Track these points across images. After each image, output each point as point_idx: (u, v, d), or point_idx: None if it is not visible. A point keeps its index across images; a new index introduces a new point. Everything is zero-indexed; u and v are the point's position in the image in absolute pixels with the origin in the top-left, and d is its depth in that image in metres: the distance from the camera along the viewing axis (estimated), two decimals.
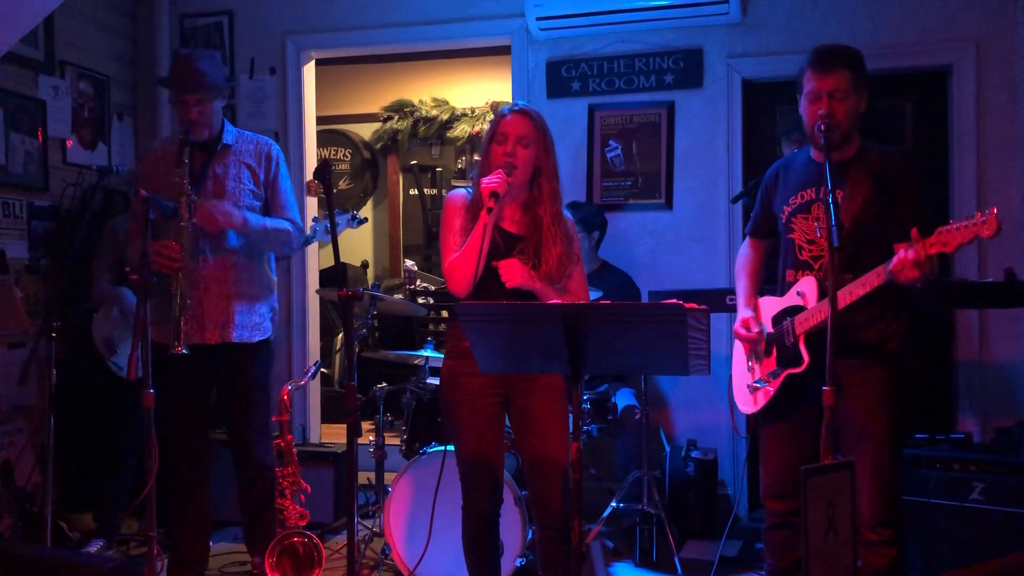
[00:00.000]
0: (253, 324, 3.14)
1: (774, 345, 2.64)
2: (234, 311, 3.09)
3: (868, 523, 2.48)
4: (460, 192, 2.67)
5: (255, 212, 3.12)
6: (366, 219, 3.93)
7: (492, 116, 2.75)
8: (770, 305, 2.70)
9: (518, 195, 2.60)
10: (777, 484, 2.67)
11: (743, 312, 2.75)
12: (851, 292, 2.39)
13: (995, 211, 2.17)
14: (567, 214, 2.67)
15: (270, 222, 3.11)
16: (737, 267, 2.89)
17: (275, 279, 3.31)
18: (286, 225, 3.13)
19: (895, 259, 2.29)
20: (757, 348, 2.69)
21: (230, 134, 3.16)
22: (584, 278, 2.68)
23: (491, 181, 2.46)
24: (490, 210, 2.44)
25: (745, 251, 2.89)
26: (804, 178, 2.62)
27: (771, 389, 2.62)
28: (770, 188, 2.76)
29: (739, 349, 2.81)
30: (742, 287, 2.83)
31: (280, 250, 3.14)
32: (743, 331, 2.69)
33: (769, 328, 2.67)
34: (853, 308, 2.42)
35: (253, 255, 3.16)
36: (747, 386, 2.73)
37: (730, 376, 2.86)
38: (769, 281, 2.87)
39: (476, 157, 2.67)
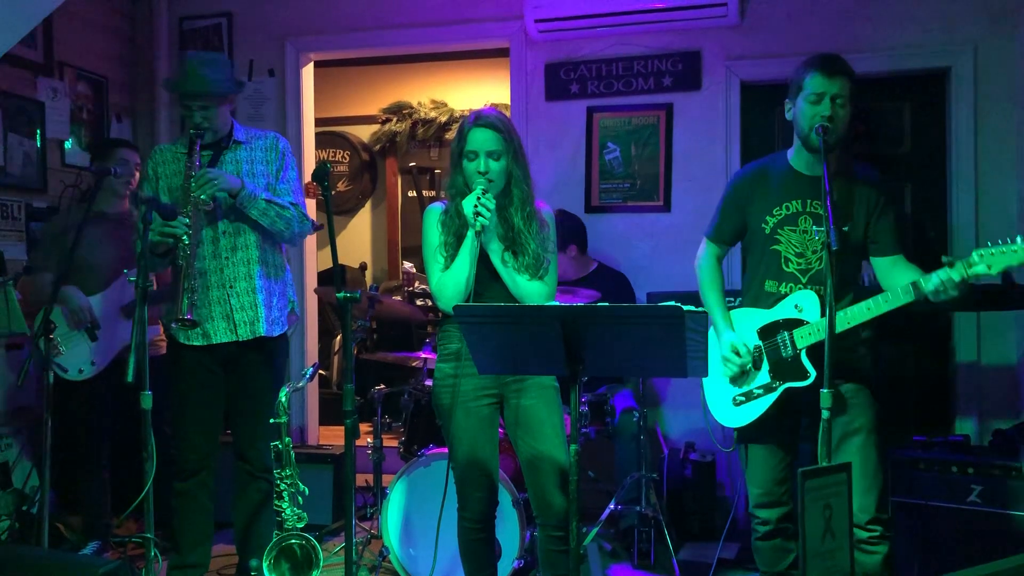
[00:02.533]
0: (274, 318, 3.14)
1: (765, 358, 2.62)
2: (260, 305, 3.09)
3: (857, 520, 2.48)
4: (437, 206, 2.68)
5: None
6: (322, 225, 3.90)
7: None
8: (749, 317, 2.67)
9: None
10: (767, 492, 2.67)
11: (728, 335, 2.67)
12: (868, 309, 2.41)
13: None
14: (540, 206, 2.68)
15: (269, 195, 3.07)
16: (703, 280, 2.80)
17: (290, 273, 3.31)
18: (286, 203, 3.09)
19: (935, 276, 2.29)
20: (745, 368, 2.67)
21: (240, 132, 3.15)
22: (556, 270, 2.68)
23: (477, 205, 2.48)
24: (480, 235, 2.48)
25: (708, 261, 2.81)
26: (787, 189, 2.61)
27: (766, 402, 2.61)
28: (744, 193, 2.71)
29: (716, 368, 2.73)
30: (716, 304, 2.74)
31: (282, 230, 3.09)
32: (736, 358, 2.62)
33: (755, 340, 2.64)
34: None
35: (271, 247, 3.15)
36: (732, 399, 2.69)
37: (703, 391, 2.79)
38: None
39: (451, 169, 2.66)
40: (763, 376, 2.62)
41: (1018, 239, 2.21)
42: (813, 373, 2.50)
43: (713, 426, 2.75)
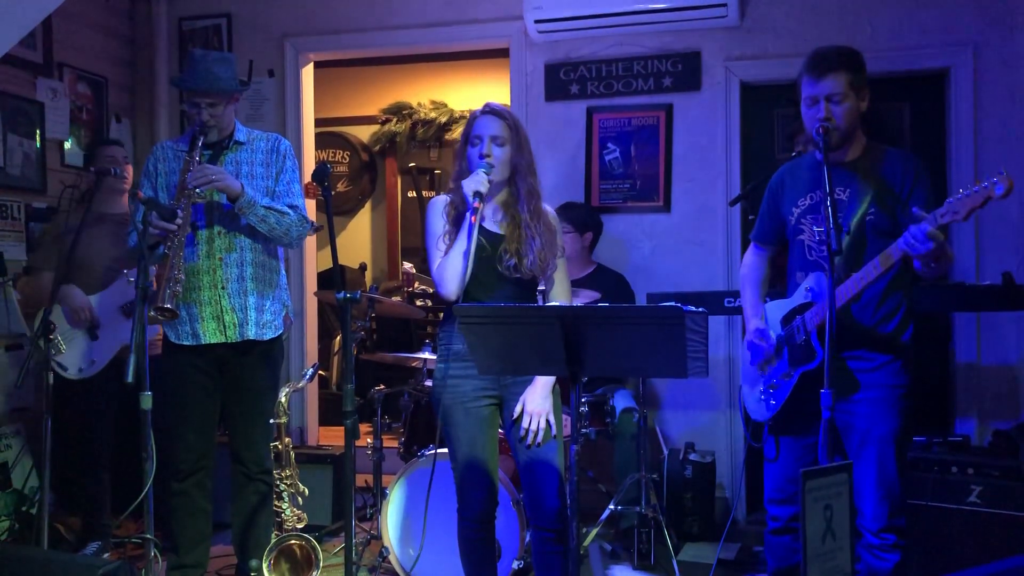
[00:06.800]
0: (265, 321, 3.13)
1: (785, 346, 2.62)
2: (250, 308, 3.08)
3: (870, 527, 2.49)
4: (441, 197, 2.68)
5: None
6: (322, 226, 3.91)
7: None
8: (778, 308, 2.68)
9: (496, 194, 2.63)
10: (780, 489, 2.67)
11: (754, 323, 2.71)
12: (860, 280, 2.39)
13: (1005, 172, 2.15)
14: (547, 208, 2.67)
15: (268, 201, 3.05)
16: (743, 275, 2.85)
17: (284, 275, 3.30)
18: (285, 208, 3.08)
19: (906, 233, 2.27)
20: (769, 355, 2.69)
21: (242, 132, 3.15)
22: (566, 273, 2.70)
23: (473, 181, 2.48)
24: (475, 211, 2.45)
25: (751, 260, 2.84)
26: (812, 179, 2.60)
27: (784, 392, 2.61)
28: (777, 192, 2.73)
29: (747, 358, 2.78)
30: (750, 298, 2.78)
31: (281, 237, 3.08)
32: (759, 343, 2.66)
33: (779, 330, 2.66)
34: (868, 304, 2.43)
35: (267, 250, 3.14)
36: (759, 392, 2.71)
37: (740, 387, 2.84)
38: (773, 287, 2.86)
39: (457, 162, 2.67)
40: (783, 364, 2.62)
41: (984, 182, 2.20)
42: (820, 353, 2.48)
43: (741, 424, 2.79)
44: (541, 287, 2.71)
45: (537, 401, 2.56)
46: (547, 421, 2.57)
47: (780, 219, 2.72)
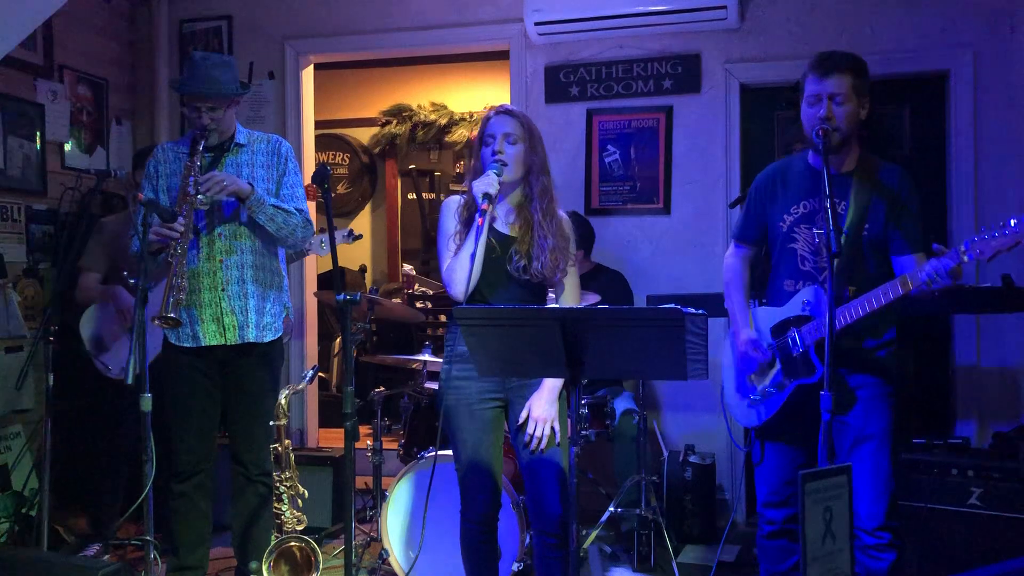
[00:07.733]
0: (266, 323, 3.13)
1: (778, 356, 2.61)
2: (250, 310, 3.08)
3: (865, 527, 2.48)
4: (455, 198, 2.68)
5: None
6: (361, 235, 3.93)
7: None
8: (767, 316, 2.66)
9: (509, 194, 2.63)
10: (776, 492, 2.66)
11: (746, 332, 2.69)
12: (867, 303, 2.38)
13: None
14: (563, 215, 2.67)
15: (276, 200, 3.05)
16: (727, 279, 2.81)
17: (286, 278, 3.30)
18: (292, 209, 3.07)
19: (927, 267, 2.27)
20: (763, 368, 2.68)
21: (242, 134, 3.15)
22: (577, 280, 2.69)
23: (483, 183, 2.48)
24: (483, 212, 2.45)
25: (734, 262, 2.81)
26: (806, 187, 2.59)
27: (778, 400, 2.60)
28: (764, 193, 2.71)
29: (730, 363, 2.76)
30: (738, 302, 2.76)
31: (287, 237, 3.07)
32: (754, 354, 2.64)
33: (769, 339, 2.65)
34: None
35: (267, 252, 3.14)
36: (749, 398, 2.69)
37: (722, 391, 2.82)
38: (753, 288, 2.84)
39: (471, 162, 2.68)
40: (776, 374, 2.61)
41: (1011, 221, 2.19)
42: (820, 369, 2.48)
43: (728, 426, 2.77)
44: (551, 291, 2.71)
45: (543, 407, 2.56)
46: (552, 428, 2.57)
47: (767, 221, 2.70)
